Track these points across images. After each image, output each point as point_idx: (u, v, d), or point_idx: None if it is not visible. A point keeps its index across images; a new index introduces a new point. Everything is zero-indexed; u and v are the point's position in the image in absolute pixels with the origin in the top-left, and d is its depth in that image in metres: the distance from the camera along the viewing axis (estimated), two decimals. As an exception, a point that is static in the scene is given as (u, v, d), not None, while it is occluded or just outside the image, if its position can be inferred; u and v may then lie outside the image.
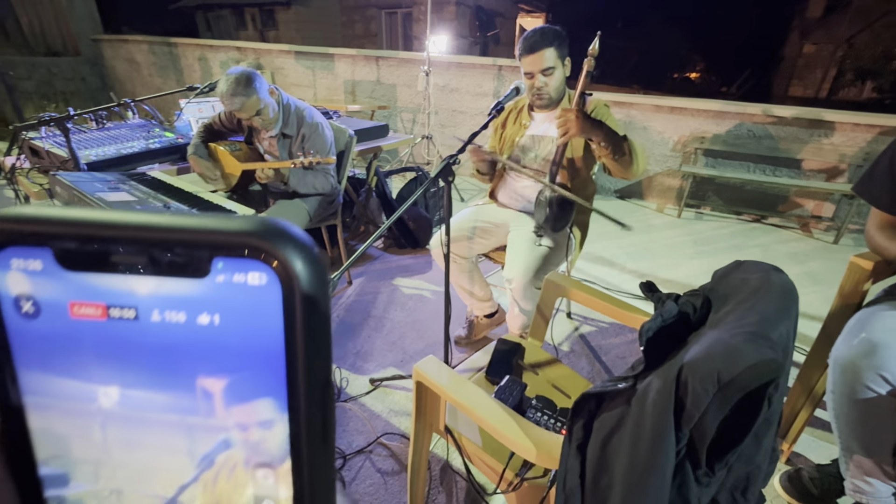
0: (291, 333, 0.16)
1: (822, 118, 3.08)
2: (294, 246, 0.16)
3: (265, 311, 0.16)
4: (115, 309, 0.16)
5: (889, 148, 1.13)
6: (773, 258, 2.81)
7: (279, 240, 0.15)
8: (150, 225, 0.15)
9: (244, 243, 0.15)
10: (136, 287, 0.16)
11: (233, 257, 0.16)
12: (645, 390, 0.62)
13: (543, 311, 1.29)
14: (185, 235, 0.15)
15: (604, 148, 1.30)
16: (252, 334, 0.16)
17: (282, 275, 0.15)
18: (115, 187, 1.50)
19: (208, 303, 0.16)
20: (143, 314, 0.16)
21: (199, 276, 0.16)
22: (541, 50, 1.42)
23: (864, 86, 14.85)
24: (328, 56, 4.73)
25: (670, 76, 20.62)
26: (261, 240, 0.15)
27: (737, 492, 0.72)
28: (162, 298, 0.16)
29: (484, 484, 1.28)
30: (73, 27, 6.39)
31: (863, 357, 0.99)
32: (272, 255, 0.15)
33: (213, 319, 0.16)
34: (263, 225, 0.16)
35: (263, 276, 0.16)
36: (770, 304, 0.65)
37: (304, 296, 0.16)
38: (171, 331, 0.16)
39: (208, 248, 0.16)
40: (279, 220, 0.16)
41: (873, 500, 1.08)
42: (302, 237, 0.16)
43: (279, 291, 0.16)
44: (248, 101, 1.67)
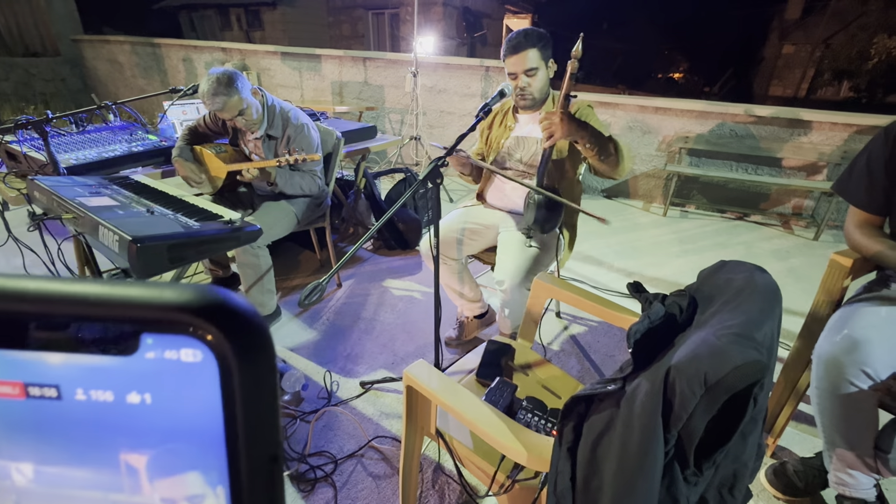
0: (231, 411, 0.15)
1: (801, 118, 3.15)
2: (231, 319, 0.14)
3: (201, 389, 0.15)
4: (34, 388, 0.15)
5: (866, 147, 1.16)
6: (756, 255, 2.86)
7: (214, 313, 0.14)
8: (71, 298, 0.14)
9: (174, 319, 0.14)
10: (58, 365, 0.15)
11: (163, 333, 0.14)
12: (633, 392, 0.62)
13: (533, 312, 1.30)
14: (108, 311, 0.14)
15: (589, 149, 1.31)
16: (187, 412, 0.15)
17: (218, 351, 0.14)
18: (96, 192, 1.47)
19: (138, 381, 0.15)
20: (66, 393, 0.15)
21: (127, 354, 0.15)
22: (524, 51, 1.43)
23: (842, 85, 15.23)
24: (315, 57, 4.69)
25: (654, 76, 20.91)
26: (193, 314, 0.14)
27: (724, 489, 0.73)
28: (86, 377, 0.15)
29: (476, 486, 1.28)
30: (53, 27, 6.25)
31: (845, 353, 1.01)
32: (206, 330, 0.14)
33: (143, 398, 0.15)
34: (197, 296, 0.14)
35: (198, 353, 0.14)
36: (754, 304, 0.66)
37: (245, 372, 0.14)
38: (98, 410, 0.15)
39: (135, 323, 0.14)
40: (216, 289, 0.15)
41: (855, 492, 1.10)
42: (241, 307, 0.15)
43: (216, 368, 0.14)
44: (230, 101, 1.65)
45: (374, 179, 2.75)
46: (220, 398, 0.15)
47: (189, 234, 1.23)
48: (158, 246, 1.15)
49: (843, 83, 15.15)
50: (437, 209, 1.30)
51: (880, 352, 0.99)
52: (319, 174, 1.94)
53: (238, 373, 0.15)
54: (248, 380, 0.15)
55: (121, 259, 1.16)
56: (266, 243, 1.81)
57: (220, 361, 0.14)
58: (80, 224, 1.29)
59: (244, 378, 0.15)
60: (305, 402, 1.55)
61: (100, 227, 1.20)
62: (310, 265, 2.50)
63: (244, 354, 0.14)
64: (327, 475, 1.30)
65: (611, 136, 1.33)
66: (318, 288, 1.04)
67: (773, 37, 16.44)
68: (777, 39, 16.21)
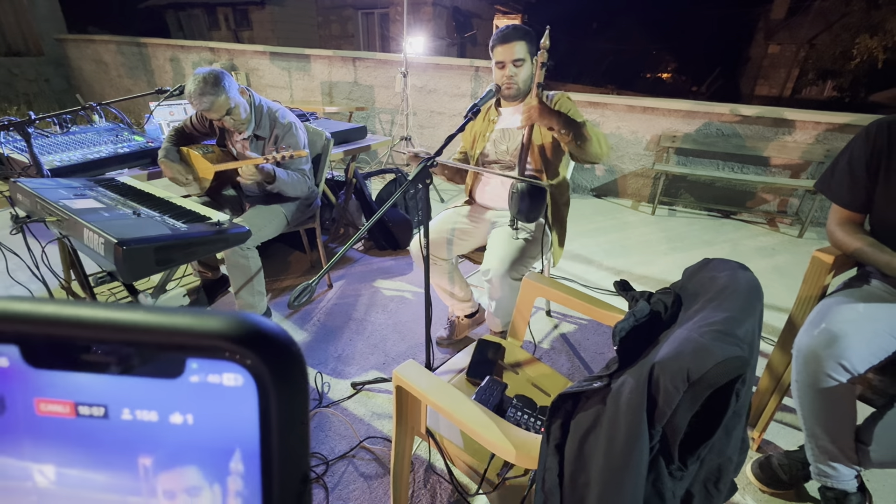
0: (267, 433, 0.16)
1: (786, 117, 3.20)
2: (271, 345, 0.15)
3: (241, 411, 0.16)
4: (83, 407, 0.16)
5: (848, 147, 1.19)
6: (742, 252, 2.91)
7: (255, 340, 0.15)
8: (122, 325, 0.15)
9: (219, 346, 0.15)
10: (107, 385, 0.16)
11: (207, 358, 0.15)
12: (619, 389, 0.63)
13: (522, 311, 1.31)
14: (157, 337, 0.15)
15: (565, 135, 1.37)
16: (227, 433, 0.16)
17: (258, 376, 0.15)
18: (81, 194, 1.45)
19: (181, 403, 0.16)
20: (114, 412, 0.16)
21: (172, 377, 0.16)
22: (514, 41, 1.49)
23: (825, 85, 15.49)
24: (304, 57, 4.67)
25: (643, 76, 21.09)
26: (236, 342, 0.15)
27: (709, 483, 0.74)
28: (133, 397, 0.16)
29: (466, 485, 1.28)
30: (35, 26, 6.13)
31: (824, 347, 1.04)
32: (246, 356, 0.15)
33: (186, 419, 0.16)
34: (239, 324, 0.15)
35: (239, 378, 0.15)
36: (736, 302, 0.67)
37: (281, 395, 0.15)
38: (142, 429, 0.16)
39: (181, 350, 0.15)
40: (255, 316, 0.16)
41: (837, 483, 1.13)
42: (280, 335, 0.16)
43: (255, 392, 0.15)
44: (218, 101, 1.64)
45: (365, 180, 2.75)
46: (257, 420, 0.16)
47: (176, 236, 1.22)
48: (145, 248, 1.14)
49: (826, 83, 15.41)
50: (427, 209, 1.31)
51: (857, 346, 1.01)
52: (308, 174, 1.93)
53: (275, 396, 0.15)
54: (283, 403, 0.16)
55: (107, 262, 1.14)
56: (255, 244, 1.79)
57: (259, 385, 0.15)
58: (64, 227, 1.27)
59: (280, 401, 0.16)
60: (296, 404, 1.55)
61: (85, 230, 1.18)
62: (300, 266, 2.49)
63: (281, 378, 0.15)
64: (319, 476, 1.29)
65: (585, 121, 1.40)
66: (307, 289, 1.04)
67: (759, 37, 16.67)
68: (763, 39, 16.44)
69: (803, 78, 15.70)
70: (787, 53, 15.92)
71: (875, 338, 1.03)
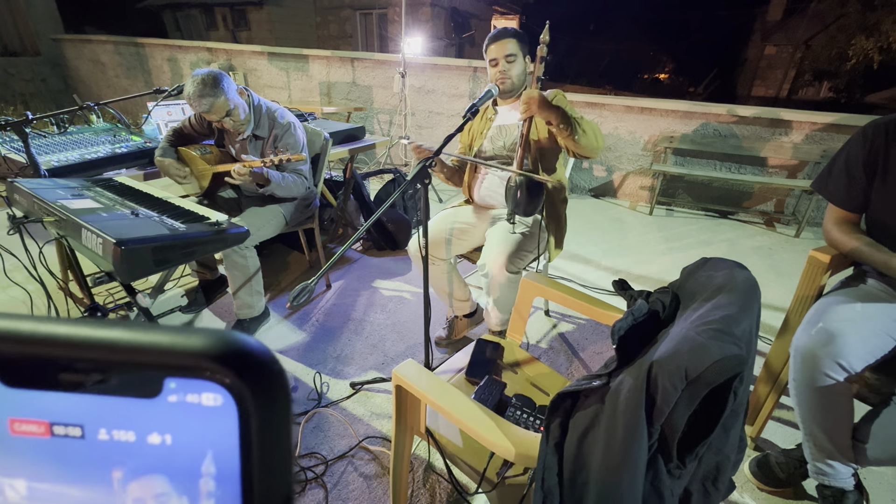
0: (248, 455, 0.15)
1: (782, 118, 3.22)
2: (251, 364, 0.15)
3: (221, 432, 0.15)
4: (59, 427, 0.15)
5: (845, 147, 1.19)
6: (740, 252, 2.92)
7: (235, 359, 0.15)
8: (99, 343, 0.15)
9: (197, 366, 0.15)
10: (83, 405, 0.15)
11: (186, 377, 0.15)
12: (618, 388, 0.64)
13: (521, 310, 1.31)
14: (134, 356, 0.15)
15: (563, 129, 1.39)
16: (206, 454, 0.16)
17: (237, 395, 0.15)
18: (78, 194, 1.45)
19: (159, 423, 0.15)
20: (90, 432, 0.15)
21: (150, 397, 0.15)
22: (505, 39, 1.53)
23: (822, 86, 15.57)
24: (302, 57, 4.66)
25: (640, 77, 21.16)
26: (215, 360, 0.15)
27: (707, 481, 0.74)
28: (110, 417, 0.15)
29: (466, 484, 1.29)
30: (32, 26, 6.11)
31: (821, 346, 1.04)
32: (226, 375, 0.15)
33: (164, 439, 0.15)
34: (219, 342, 0.15)
35: (219, 398, 0.15)
36: (734, 300, 0.67)
37: (262, 415, 0.15)
38: (119, 449, 0.16)
39: (159, 369, 0.15)
40: (235, 334, 0.15)
41: (834, 481, 1.13)
42: (261, 353, 0.15)
43: (235, 412, 0.15)
44: (217, 102, 1.63)
45: (363, 180, 2.75)
46: (238, 441, 0.15)
47: (174, 236, 1.22)
48: (143, 248, 1.14)
49: (823, 84, 15.49)
50: (426, 209, 1.31)
51: (854, 345, 1.02)
52: (306, 174, 1.93)
53: (256, 416, 0.15)
54: (265, 423, 0.15)
55: (105, 262, 1.14)
56: (254, 244, 1.79)
57: (240, 405, 0.15)
58: (62, 227, 1.27)
59: (261, 421, 0.15)
60: (295, 404, 1.55)
61: (83, 230, 1.18)
62: (298, 266, 2.48)
63: (262, 398, 0.15)
64: (318, 476, 1.29)
65: (581, 116, 1.42)
66: (306, 289, 1.04)
67: (756, 38, 16.75)
68: (759, 40, 16.52)
69: (800, 79, 15.78)
70: (783, 54, 16.00)
71: (872, 336, 1.04)
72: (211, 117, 1.68)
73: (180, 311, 2.01)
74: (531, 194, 1.46)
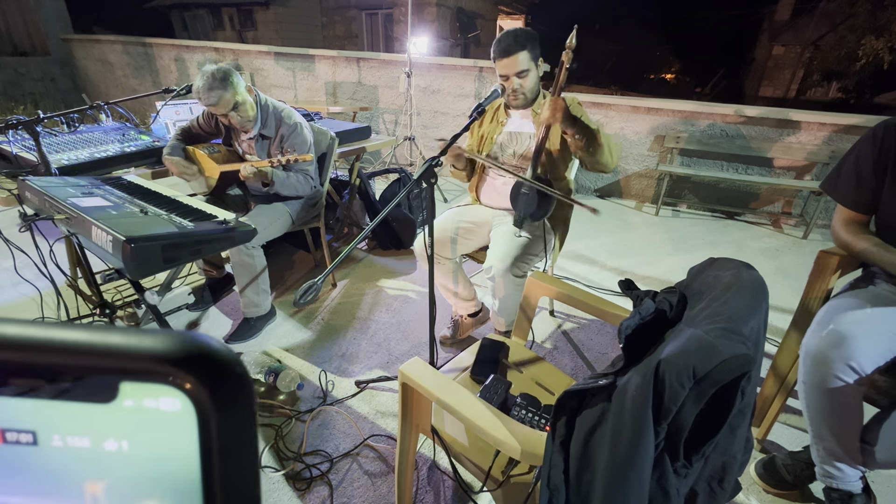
0: (209, 462, 0.15)
1: (790, 118, 3.19)
2: (211, 367, 0.14)
3: (180, 438, 0.14)
4: (10, 433, 0.15)
5: (854, 147, 1.18)
6: (746, 254, 2.90)
7: (193, 362, 0.14)
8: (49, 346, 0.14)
9: (153, 369, 0.14)
10: (35, 410, 0.15)
11: (142, 381, 0.14)
12: (624, 386, 0.64)
13: (526, 310, 1.31)
14: (87, 360, 0.14)
15: (578, 140, 1.36)
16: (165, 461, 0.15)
17: (197, 400, 0.14)
18: (88, 192, 1.46)
19: (115, 428, 0.15)
20: (43, 439, 0.15)
21: (105, 401, 0.14)
22: (515, 54, 1.46)
23: (830, 86, 15.42)
24: (309, 57, 4.68)
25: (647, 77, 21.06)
26: (172, 363, 0.14)
27: (714, 481, 0.74)
28: (64, 423, 0.15)
29: (471, 482, 1.29)
30: (42, 26, 6.18)
31: (832, 348, 1.03)
32: (185, 379, 0.14)
33: (120, 445, 0.15)
34: (176, 344, 0.14)
35: (177, 402, 0.14)
36: (741, 300, 0.67)
37: (224, 422, 0.14)
38: (74, 456, 0.15)
39: (114, 372, 0.14)
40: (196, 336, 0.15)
41: (842, 484, 1.13)
42: (222, 354, 0.15)
43: (194, 418, 0.14)
44: (225, 96, 1.65)
45: (369, 179, 2.76)
46: (197, 447, 0.15)
47: (183, 234, 1.23)
48: (153, 246, 1.15)
49: (831, 84, 15.34)
50: (432, 208, 1.31)
51: (865, 347, 1.01)
52: (312, 174, 1.94)
53: (216, 423, 0.14)
54: (226, 430, 0.14)
55: (115, 259, 1.15)
56: (261, 243, 1.80)
57: (199, 410, 0.14)
58: (72, 224, 1.28)
59: (223, 428, 0.14)
60: (301, 402, 1.56)
61: (93, 228, 1.19)
62: (304, 265, 2.50)
63: (223, 404, 0.14)
64: (323, 474, 1.30)
65: (598, 128, 1.38)
66: (312, 287, 1.05)
67: (764, 38, 16.62)
68: (767, 40, 16.39)
69: (808, 79, 15.64)
70: (791, 55, 15.86)
71: (882, 339, 1.03)
72: (218, 111, 1.69)
73: (187, 309, 2.03)
74: (542, 202, 1.46)
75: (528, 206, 1.46)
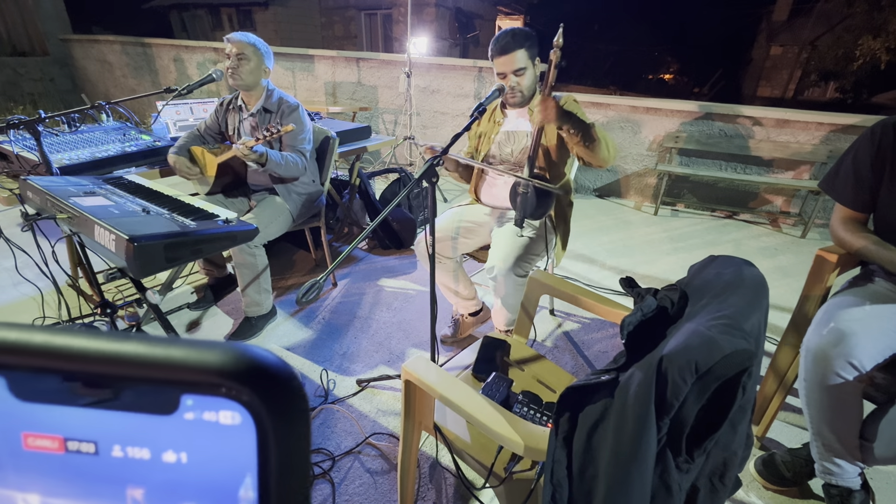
0: (266, 475, 0.15)
1: (788, 118, 3.21)
2: (270, 382, 0.14)
3: (238, 450, 0.15)
4: (73, 442, 0.15)
5: (852, 147, 1.19)
6: (745, 253, 2.91)
7: (253, 376, 0.14)
8: (114, 358, 0.14)
9: (215, 383, 0.14)
10: (98, 421, 0.15)
11: (203, 394, 0.14)
12: (627, 382, 0.64)
13: (527, 309, 1.32)
14: (150, 371, 0.14)
15: (574, 135, 1.37)
16: (223, 473, 0.15)
17: (256, 414, 0.14)
18: (90, 191, 1.46)
19: (175, 440, 0.15)
20: (104, 449, 0.15)
21: (166, 413, 0.15)
22: (513, 52, 1.47)
23: (828, 86, 15.47)
24: (308, 57, 4.69)
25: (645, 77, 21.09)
26: (233, 378, 0.14)
27: (715, 477, 0.75)
28: (125, 434, 0.15)
29: (473, 479, 1.29)
30: (40, 27, 6.17)
31: (832, 346, 1.04)
32: (245, 393, 0.14)
33: (179, 457, 0.15)
34: (237, 358, 0.14)
35: (237, 416, 0.14)
36: (742, 296, 0.68)
37: (281, 434, 0.15)
38: (134, 467, 0.15)
39: (176, 385, 0.14)
40: (254, 349, 0.15)
41: (841, 481, 1.14)
42: (280, 370, 0.15)
43: (253, 431, 0.15)
44: (255, 49, 1.80)
45: (369, 179, 2.76)
46: (256, 461, 0.15)
47: (186, 233, 1.23)
48: (155, 245, 1.16)
49: (829, 84, 15.39)
50: (433, 208, 1.32)
51: (865, 344, 1.02)
52: (306, 153, 1.93)
53: (274, 435, 0.15)
54: (283, 443, 0.15)
55: (117, 259, 1.16)
56: (262, 243, 1.81)
57: (258, 424, 0.15)
58: (75, 224, 1.29)
59: (280, 441, 0.15)
60: (302, 401, 1.56)
61: (96, 227, 1.20)
62: (305, 265, 2.50)
63: (281, 417, 0.15)
64: (325, 472, 1.31)
65: (593, 123, 1.39)
66: (315, 286, 1.05)
67: (761, 38, 16.67)
68: (765, 41, 16.43)
69: (805, 79, 15.69)
70: (789, 55, 15.91)
71: (882, 336, 1.04)
72: (227, 49, 1.80)
73: (189, 308, 2.03)
74: (541, 201, 1.46)
75: (527, 206, 1.47)
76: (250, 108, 1.90)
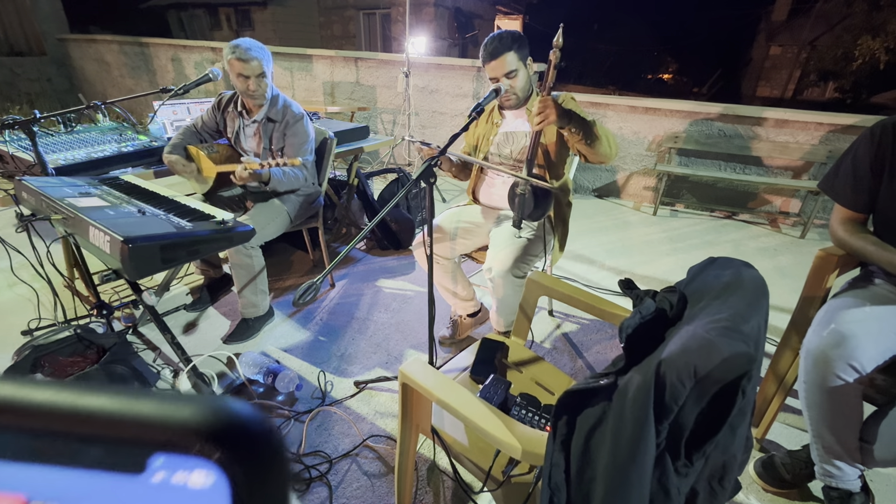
0: None
1: (788, 118, 3.20)
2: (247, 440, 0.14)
3: None
4: (36, 503, 0.14)
5: (852, 147, 1.19)
6: (745, 253, 2.91)
7: (229, 434, 0.13)
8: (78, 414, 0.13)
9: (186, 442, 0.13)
10: (62, 480, 0.14)
11: (173, 453, 0.14)
12: (626, 386, 0.63)
13: (526, 310, 1.31)
14: (118, 430, 0.13)
15: (575, 133, 1.36)
16: None
17: (230, 473, 0.14)
18: (86, 192, 1.46)
19: (144, 502, 0.14)
20: None
21: (134, 473, 0.14)
22: (501, 55, 1.46)
23: (827, 86, 15.49)
24: (306, 57, 4.67)
25: (644, 77, 21.11)
26: (206, 436, 0.13)
27: (714, 480, 0.74)
28: (90, 494, 0.14)
29: (471, 483, 1.29)
30: (38, 26, 6.15)
31: (833, 348, 1.04)
32: (219, 452, 0.13)
33: None
34: (210, 415, 0.13)
35: (210, 476, 0.14)
36: (742, 299, 0.67)
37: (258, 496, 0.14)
38: None
39: (144, 444, 0.14)
40: (229, 403, 0.14)
41: (841, 483, 1.13)
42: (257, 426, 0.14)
43: (228, 492, 0.14)
44: (261, 63, 1.74)
45: (367, 179, 2.75)
46: None
47: (181, 234, 1.22)
48: (151, 246, 1.15)
49: (828, 84, 15.41)
50: (431, 208, 1.31)
51: (865, 346, 1.01)
52: (309, 166, 1.92)
53: (250, 497, 0.14)
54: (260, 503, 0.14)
55: (113, 260, 1.15)
56: (259, 244, 1.80)
57: (232, 486, 0.14)
58: (70, 225, 1.28)
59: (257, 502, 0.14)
60: (299, 402, 1.55)
61: (90, 228, 1.19)
62: (302, 265, 2.49)
63: (257, 478, 0.14)
64: (322, 475, 1.30)
65: (594, 120, 1.38)
66: (312, 287, 1.04)
67: (761, 38, 16.69)
68: (764, 41, 16.46)
69: (805, 79, 15.72)
70: (788, 55, 15.93)
71: (882, 338, 1.03)
72: (245, 70, 1.73)
73: (185, 310, 2.02)
74: (539, 201, 1.45)
75: (526, 207, 1.46)
76: (253, 116, 1.87)
